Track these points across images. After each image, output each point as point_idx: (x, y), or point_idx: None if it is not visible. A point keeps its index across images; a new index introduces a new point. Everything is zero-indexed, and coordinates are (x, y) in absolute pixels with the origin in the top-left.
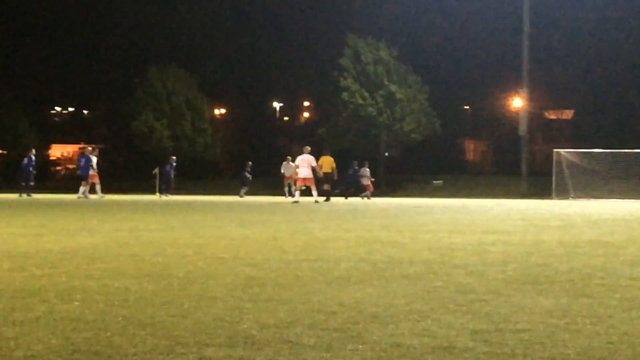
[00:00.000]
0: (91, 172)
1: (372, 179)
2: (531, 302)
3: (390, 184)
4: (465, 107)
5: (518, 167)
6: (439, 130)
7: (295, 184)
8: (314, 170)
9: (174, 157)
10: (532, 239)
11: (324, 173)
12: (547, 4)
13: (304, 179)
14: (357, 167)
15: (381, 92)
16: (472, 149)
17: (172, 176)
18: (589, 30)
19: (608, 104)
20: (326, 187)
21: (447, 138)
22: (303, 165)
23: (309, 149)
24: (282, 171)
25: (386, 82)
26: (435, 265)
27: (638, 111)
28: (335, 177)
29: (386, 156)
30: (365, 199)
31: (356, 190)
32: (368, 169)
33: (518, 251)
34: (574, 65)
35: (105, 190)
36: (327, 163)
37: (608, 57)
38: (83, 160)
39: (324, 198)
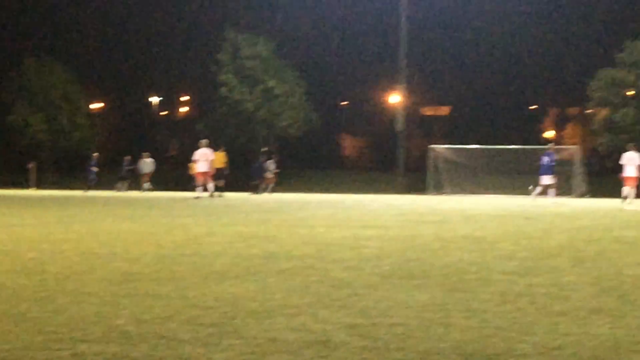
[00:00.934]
0: None
1: (277, 171)
2: (406, 296)
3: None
4: (343, 102)
5: (395, 163)
6: (316, 125)
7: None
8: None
9: (96, 154)
10: (408, 234)
11: (217, 169)
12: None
13: (204, 173)
14: (262, 160)
15: (260, 87)
16: (349, 145)
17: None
18: (466, 28)
19: (483, 101)
20: (219, 183)
21: (325, 133)
22: (201, 160)
23: (206, 142)
24: (139, 167)
25: (264, 77)
26: (312, 260)
27: (512, 108)
28: (227, 173)
29: (265, 150)
30: (265, 193)
31: (261, 183)
32: (274, 162)
33: (394, 246)
34: (451, 62)
35: None
36: (219, 159)
37: (484, 55)
38: None
39: (213, 193)
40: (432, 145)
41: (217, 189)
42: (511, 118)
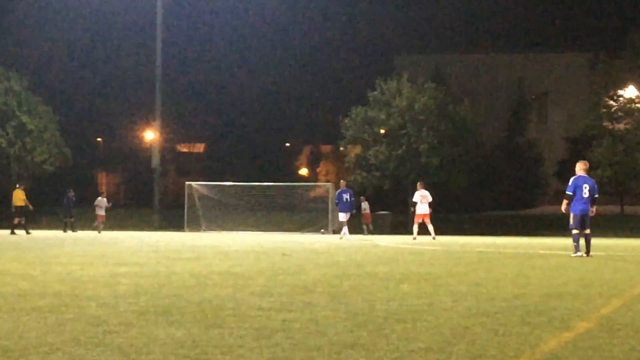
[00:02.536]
0: None
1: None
2: (163, 333)
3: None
4: (98, 139)
5: (151, 200)
6: (70, 161)
7: None
8: None
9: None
10: (163, 271)
11: (16, 206)
12: (180, 39)
13: None
14: (73, 197)
15: (12, 122)
16: (105, 181)
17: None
18: (220, 66)
19: (238, 139)
20: (21, 220)
21: (81, 169)
22: None
23: None
24: None
25: (17, 113)
26: (66, 297)
27: (268, 145)
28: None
29: (17, 187)
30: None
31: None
32: (105, 199)
33: (150, 283)
34: (205, 100)
35: None
36: (19, 196)
37: (240, 93)
38: None
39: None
40: (189, 182)
41: (21, 226)
42: (267, 155)
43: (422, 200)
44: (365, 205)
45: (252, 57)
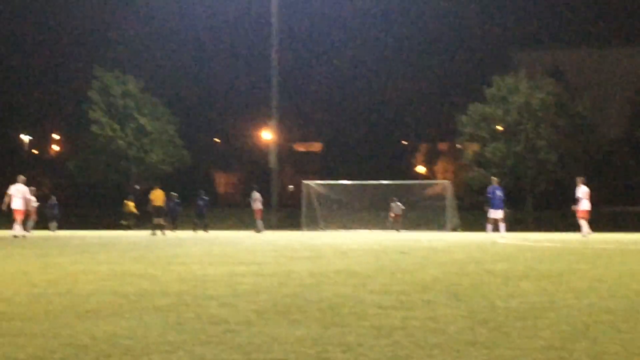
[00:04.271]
0: None
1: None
2: (283, 332)
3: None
4: (216, 139)
5: (269, 199)
6: (188, 161)
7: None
8: (27, 201)
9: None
10: (282, 270)
11: (156, 206)
12: (297, 37)
13: (17, 211)
14: (205, 197)
15: (131, 124)
16: (222, 181)
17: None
18: (338, 66)
19: (356, 137)
20: (157, 220)
21: (198, 169)
22: (17, 196)
23: (24, 178)
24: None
25: (136, 115)
26: (187, 296)
27: (384, 143)
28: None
29: (137, 188)
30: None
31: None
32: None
33: (269, 282)
34: (322, 99)
35: None
36: (158, 196)
37: (357, 92)
38: None
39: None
40: (306, 181)
41: (161, 226)
42: (383, 153)
43: (585, 196)
44: None
45: (368, 55)
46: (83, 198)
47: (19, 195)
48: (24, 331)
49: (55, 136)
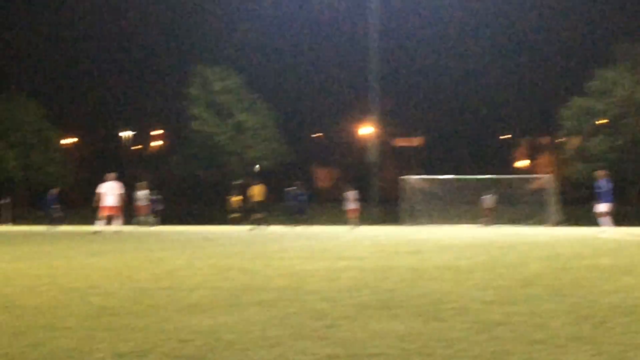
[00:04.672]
0: None
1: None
2: (384, 326)
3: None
4: (316, 134)
5: (368, 194)
6: (288, 157)
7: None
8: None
9: (56, 190)
10: (383, 265)
11: (257, 202)
12: (395, 31)
13: (110, 208)
14: (298, 191)
15: (231, 120)
16: (322, 176)
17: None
18: (438, 59)
19: (456, 131)
20: (259, 215)
21: (298, 165)
22: (110, 193)
23: (115, 175)
24: (135, 200)
25: (236, 111)
26: (288, 291)
27: (484, 138)
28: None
29: (236, 183)
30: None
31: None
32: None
33: (370, 277)
34: (423, 93)
35: None
36: (259, 192)
37: (456, 85)
38: None
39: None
40: (405, 176)
41: (257, 220)
42: (484, 147)
43: None
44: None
45: (469, 48)
46: (184, 194)
47: (111, 192)
48: (128, 325)
49: (156, 132)
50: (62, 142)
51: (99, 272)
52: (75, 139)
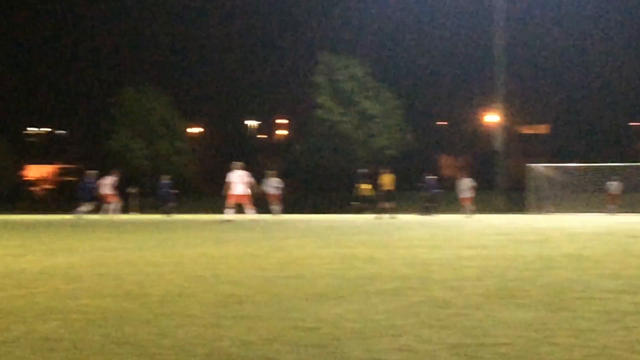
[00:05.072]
0: None
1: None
2: (510, 315)
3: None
4: (441, 122)
5: (494, 182)
6: (413, 145)
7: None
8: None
9: (168, 177)
10: (509, 254)
11: (386, 190)
12: (521, 18)
13: (239, 196)
14: (432, 179)
15: (355, 108)
16: (447, 164)
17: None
18: (564, 46)
19: (583, 119)
20: (388, 205)
21: (423, 153)
22: (239, 182)
23: (242, 164)
24: (264, 189)
25: (360, 99)
26: (413, 280)
27: (612, 125)
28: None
29: (361, 172)
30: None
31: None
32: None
33: (495, 265)
34: (549, 80)
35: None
36: (389, 180)
37: (584, 72)
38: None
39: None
40: (531, 165)
41: (385, 210)
42: (611, 135)
43: None
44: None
45: (596, 33)
46: (308, 182)
47: (239, 180)
48: (254, 314)
49: (282, 121)
50: (189, 131)
51: (224, 261)
52: (201, 129)
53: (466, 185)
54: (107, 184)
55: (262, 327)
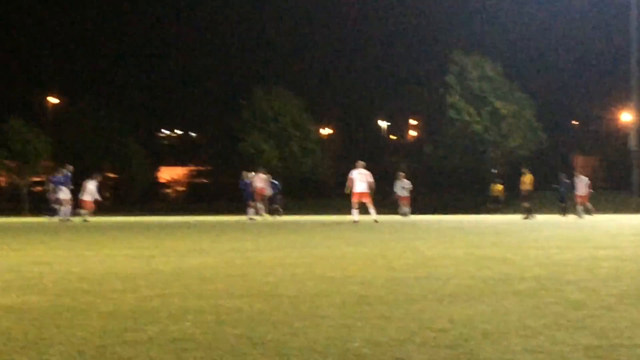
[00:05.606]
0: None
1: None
2: None
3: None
4: (574, 122)
5: (629, 182)
6: (546, 145)
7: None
8: (369, 185)
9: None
10: None
11: (527, 190)
12: None
13: (361, 194)
14: (567, 180)
15: (487, 108)
16: (581, 164)
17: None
18: None
19: None
20: (527, 204)
21: (555, 154)
22: (360, 180)
23: (363, 163)
24: (395, 190)
25: (491, 99)
26: (546, 281)
27: None
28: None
29: (493, 172)
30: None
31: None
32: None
33: (631, 266)
34: None
35: (216, 211)
36: (529, 180)
37: None
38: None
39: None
40: None
41: (527, 209)
42: None
43: None
44: None
45: None
46: (439, 183)
47: (361, 179)
48: (384, 314)
49: (413, 121)
50: (320, 132)
51: (356, 261)
52: (331, 130)
53: (583, 184)
54: (260, 182)
55: (392, 328)
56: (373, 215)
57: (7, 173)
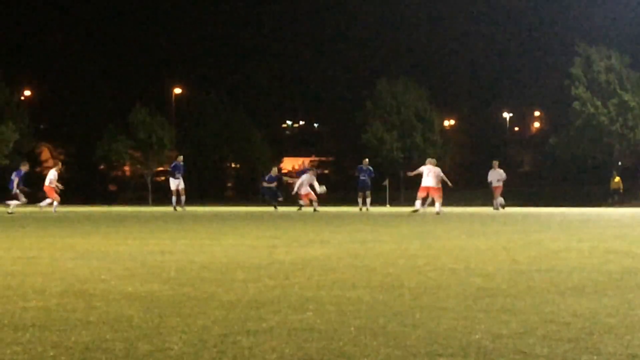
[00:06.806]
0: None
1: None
2: None
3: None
4: None
5: None
6: None
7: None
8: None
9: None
10: None
11: (612, 189)
12: None
13: (428, 188)
14: None
15: (613, 100)
16: None
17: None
18: None
19: None
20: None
21: None
22: (429, 175)
23: (434, 160)
24: (489, 180)
25: (619, 91)
26: None
27: None
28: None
29: (619, 165)
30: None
31: None
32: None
33: None
34: None
35: (337, 202)
36: (614, 180)
37: None
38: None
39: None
40: None
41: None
42: None
43: None
44: None
45: None
46: (565, 175)
47: (429, 172)
48: (506, 307)
49: (536, 113)
50: (444, 123)
51: (477, 254)
52: (454, 121)
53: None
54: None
55: (514, 321)
56: (437, 208)
57: (131, 162)
